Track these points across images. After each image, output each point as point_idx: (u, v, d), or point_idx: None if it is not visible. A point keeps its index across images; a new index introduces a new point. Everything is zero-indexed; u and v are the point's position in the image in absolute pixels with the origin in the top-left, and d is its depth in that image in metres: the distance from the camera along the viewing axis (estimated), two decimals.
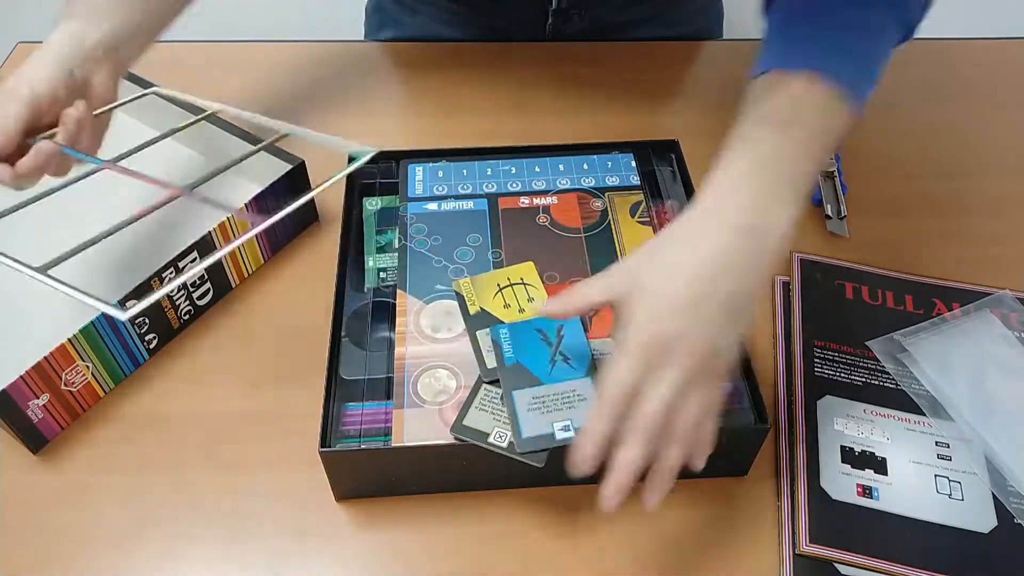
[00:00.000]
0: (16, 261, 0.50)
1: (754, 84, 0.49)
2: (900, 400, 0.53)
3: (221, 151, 0.65)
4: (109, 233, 0.55)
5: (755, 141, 0.45)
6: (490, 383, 0.49)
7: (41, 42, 0.52)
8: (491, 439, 0.46)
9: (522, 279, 0.54)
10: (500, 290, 0.54)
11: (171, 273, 0.53)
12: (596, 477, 0.40)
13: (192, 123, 0.60)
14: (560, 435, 0.45)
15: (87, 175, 0.54)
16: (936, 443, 0.51)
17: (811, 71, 0.46)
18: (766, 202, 0.43)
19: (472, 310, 0.53)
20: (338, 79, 0.79)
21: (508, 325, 0.51)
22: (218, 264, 0.57)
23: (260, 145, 0.58)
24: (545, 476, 0.46)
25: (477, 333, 0.52)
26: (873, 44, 0.49)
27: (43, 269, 0.51)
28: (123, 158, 0.56)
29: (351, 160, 0.60)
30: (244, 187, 0.65)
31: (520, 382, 0.48)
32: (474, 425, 0.47)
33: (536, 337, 0.50)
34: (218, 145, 0.65)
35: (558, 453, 0.44)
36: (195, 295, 0.57)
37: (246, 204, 0.57)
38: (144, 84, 0.66)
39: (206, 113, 0.61)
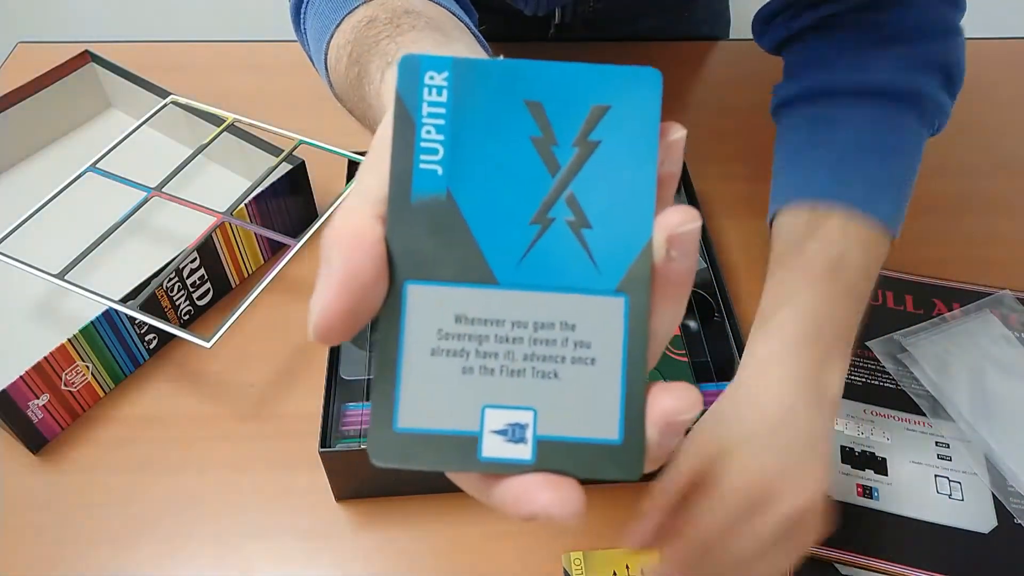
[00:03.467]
0: (36, 268, 0.51)
1: (782, 218, 0.46)
2: (900, 400, 0.53)
3: (232, 156, 0.66)
4: (112, 230, 0.55)
5: (802, 303, 0.42)
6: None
7: (41, 42, 0.52)
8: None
9: (642, 571, 0.46)
10: None
11: (172, 274, 0.53)
12: (595, 480, 0.40)
13: (216, 135, 0.61)
14: (492, 447, 0.22)
15: (139, 206, 0.56)
16: (936, 443, 0.51)
17: (846, 206, 0.44)
18: (818, 372, 0.41)
19: None
20: None
21: (455, 61, 0.22)
22: (218, 264, 0.57)
23: (281, 156, 0.59)
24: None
25: None
26: (906, 161, 0.47)
27: (61, 274, 0.51)
28: (166, 183, 0.57)
29: (352, 164, 0.61)
30: (244, 187, 0.65)
31: (432, 263, 0.22)
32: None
33: (521, 134, 0.22)
34: (230, 151, 0.65)
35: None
36: (195, 295, 0.57)
37: (246, 204, 0.57)
38: (159, 92, 0.66)
39: (226, 124, 0.61)
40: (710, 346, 0.53)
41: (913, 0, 0.48)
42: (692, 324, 0.54)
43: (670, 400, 0.22)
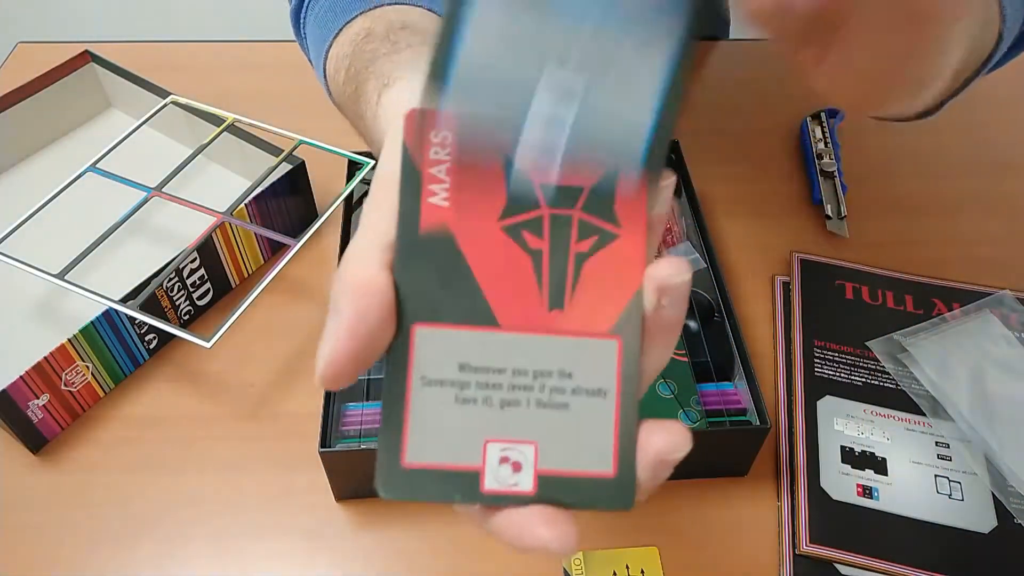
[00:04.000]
0: (36, 268, 0.51)
1: None
2: (900, 400, 0.53)
3: (232, 156, 0.66)
4: (112, 230, 0.55)
5: None
6: None
7: (41, 42, 0.52)
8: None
9: (642, 570, 0.46)
10: None
11: (172, 274, 0.53)
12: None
13: (216, 135, 0.61)
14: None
15: (139, 206, 0.56)
16: (936, 443, 0.51)
17: None
18: None
19: None
20: None
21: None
22: (218, 264, 0.57)
23: (281, 156, 0.59)
24: None
25: None
26: None
27: (61, 274, 0.51)
28: (166, 183, 0.57)
29: (352, 164, 0.61)
30: (244, 187, 0.65)
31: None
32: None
33: None
34: (230, 151, 0.65)
35: None
36: (195, 295, 0.57)
37: (246, 204, 0.57)
38: (159, 92, 0.66)
39: (226, 124, 0.61)
40: (710, 346, 0.53)
41: None
42: (692, 324, 0.54)
43: (662, 439, 0.23)
